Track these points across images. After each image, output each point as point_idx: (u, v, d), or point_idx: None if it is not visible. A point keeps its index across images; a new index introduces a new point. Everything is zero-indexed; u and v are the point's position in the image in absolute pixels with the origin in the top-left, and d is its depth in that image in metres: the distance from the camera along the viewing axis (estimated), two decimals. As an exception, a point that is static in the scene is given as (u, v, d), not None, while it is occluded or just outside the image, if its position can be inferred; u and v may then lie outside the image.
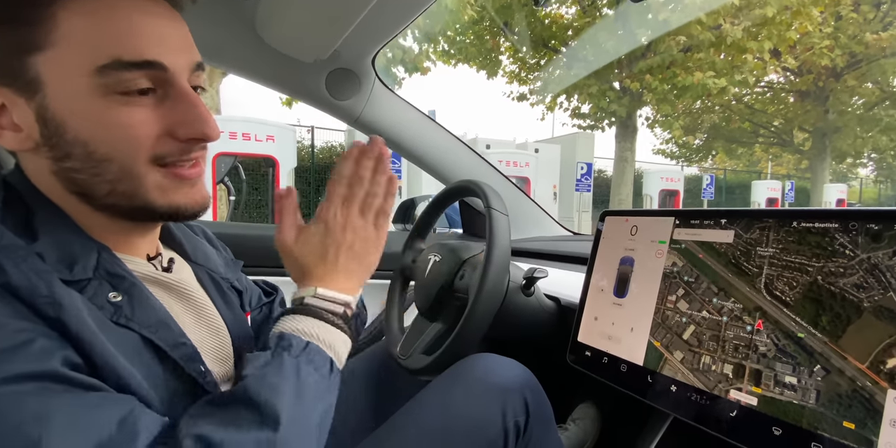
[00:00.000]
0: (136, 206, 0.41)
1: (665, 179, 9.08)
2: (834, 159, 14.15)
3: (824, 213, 0.46)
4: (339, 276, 0.48)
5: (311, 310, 0.45)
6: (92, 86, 0.36)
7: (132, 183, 0.40)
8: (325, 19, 0.77)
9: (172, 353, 0.41)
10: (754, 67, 7.01)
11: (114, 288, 0.39)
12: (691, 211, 0.60)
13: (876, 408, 0.38)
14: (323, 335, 0.44)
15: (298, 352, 0.41)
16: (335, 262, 0.48)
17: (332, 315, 0.46)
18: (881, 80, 11.70)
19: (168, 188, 0.41)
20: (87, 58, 0.36)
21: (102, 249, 0.41)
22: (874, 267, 0.41)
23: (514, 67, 8.76)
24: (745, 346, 0.48)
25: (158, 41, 0.38)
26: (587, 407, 1.00)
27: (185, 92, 0.40)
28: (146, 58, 0.37)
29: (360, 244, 0.49)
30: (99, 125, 0.37)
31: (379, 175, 0.51)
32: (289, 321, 0.44)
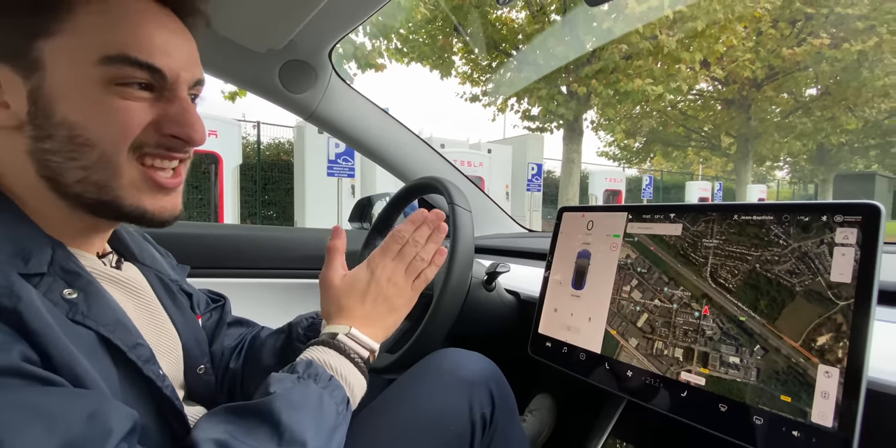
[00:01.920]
0: (103, 199, 0.40)
1: (609, 180, 9.55)
2: (755, 162, 15.49)
3: (761, 206, 0.51)
4: (372, 322, 0.52)
5: (341, 347, 0.48)
6: (94, 74, 0.37)
7: (108, 173, 0.39)
8: (281, 6, 0.74)
9: (130, 353, 0.39)
10: (687, 76, 7.52)
11: (68, 285, 0.38)
12: (643, 206, 0.64)
13: (808, 382, 0.42)
14: (346, 373, 0.46)
15: (325, 383, 0.43)
16: (373, 308, 0.53)
17: (358, 357, 0.48)
18: (795, 91, 12.94)
19: (141, 189, 0.41)
20: (96, 48, 0.37)
21: (57, 245, 0.39)
22: (804, 255, 0.46)
23: (466, 68, 8.86)
24: (693, 330, 0.52)
25: (164, 51, 0.40)
26: (543, 398, 1.03)
27: (181, 97, 0.42)
28: (152, 61, 0.39)
29: (396, 299, 0.54)
30: (91, 110, 0.38)
31: (431, 244, 0.56)
32: (318, 351, 0.47)
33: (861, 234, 0.43)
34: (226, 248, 1.14)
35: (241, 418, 0.38)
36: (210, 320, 0.64)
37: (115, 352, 0.39)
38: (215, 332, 0.64)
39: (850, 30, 10.31)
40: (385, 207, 0.93)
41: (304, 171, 6.49)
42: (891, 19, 10.04)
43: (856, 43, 10.02)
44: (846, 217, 0.44)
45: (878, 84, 10.70)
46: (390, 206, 0.92)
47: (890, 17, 10.03)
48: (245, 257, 1.16)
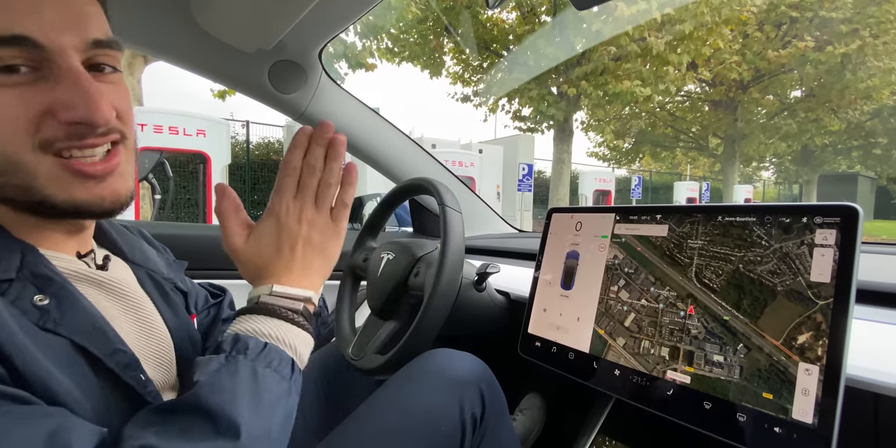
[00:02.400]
0: (34, 200, 0.37)
1: (599, 180, 9.63)
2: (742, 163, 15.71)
3: (744, 208, 0.52)
4: (297, 271, 0.45)
5: (268, 308, 0.42)
6: None
7: (22, 175, 0.35)
8: (271, 6, 0.74)
9: (108, 360, 0.38)
10: (675, 78, 7.60)
11: (39, 290, 0.36)
12: (630, 207, 0.65)
13: (790, 379, 0.43)
14: (282, 335, 0.41)
15: (255, 354, 0.39)
16: (291, 257, 0.45)
17: (292, 313, 0.43)
18: (780, 93, 13.16)
19: (66, 182, 0.37)
20: None
21: (26, 249, 0.37)
22: (785, 255, 0.47)
23: (457, 68, 8.87)
24: (679, 329, 0.53)
25: (35, 15, 0.34)
26: (533, 397, 1.04)
27: (68, 69, 0.35)
28: (14, 32, 0.33)
29: (318, 237, 0.47)
30: None
31: (332, 162, 0.47)
32: (244, 322, 0.42)
33: (840, 235, 0.44)
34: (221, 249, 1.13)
35: (169, 417, 0.34)
36: (207, 317, 0.62)
37: (92, 359, 0.37)
38: (210, 329, 0.61)
39: (833, 33, 10.51)
40: (376, 208, 0.93)
41: (294, 170, 6.44)
42: (873, 23, 10.25)
43: (839, 46, 10.21)
44: (825, 218, 0.45)
45: (860, 86, 10.92)
46: (381, 207, 0.92)
47: (873, 21, 10.24)
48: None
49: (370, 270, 0.85)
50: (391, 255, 0.81)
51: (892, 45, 10.51)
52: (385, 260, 0.81)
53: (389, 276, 0.79)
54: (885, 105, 13.38)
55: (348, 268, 0.94)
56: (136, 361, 0.41)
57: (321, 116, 1.06)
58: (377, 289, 0.80)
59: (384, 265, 0.81)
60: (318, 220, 0.47)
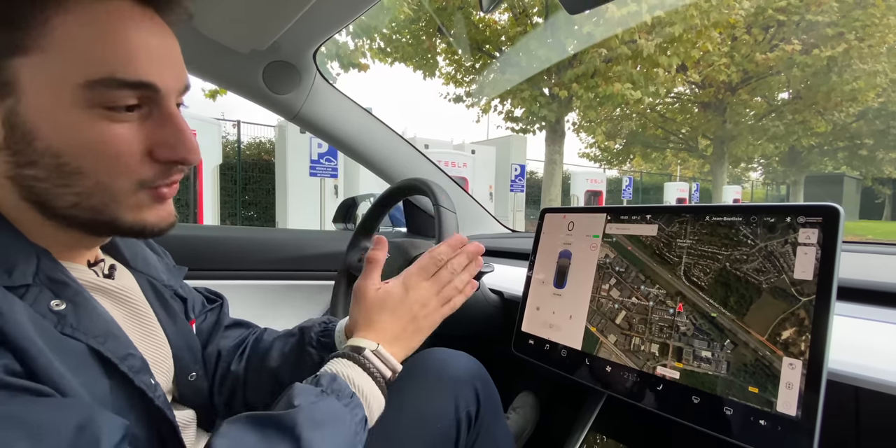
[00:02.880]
0: (100, 220, 0.39)
1: (590, 181, 9.70)
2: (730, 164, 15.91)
3: (730, 208, 0.53)
4: (398, 341, 0.51)
5: (366, 364, 0.47)
6: (77, 98, 0.35)
7: (106, 198, 0.38)
8: (266, 8, 0.74)
9: (121, 364, 0.39)
10: (665, 80, 7.68)
11: (56, 295, 0.37)
12: (621, 208, 0.66)
13: (774, 373, 0.45)
14: (368, 392, 0.45)
15: (347, 400, 0.42)
16: (402, 327, 0.52)
17: (381, 376, 0.47)
18: (768, 95, 13.36)
19: (144, 206, 0.40)
20: (79, 69, 0.34)
21: (42, 254, 0.38)
22: (770, 254, 0.48)
23: (450, 69, 8.88)
24: (668, 326, 0.54)
25: (154, 61, 0.37)
26: (526, 395, 1.05)
27: (172, 113, 0.39)
28: (141, 78, 0.36)
29: (423, 321, 0.53)
30: (77, 139, 0.35)
31: (465, 274, 0.56)
32: (342, 365, 0.46)
33: (822, 234, 0.45)
34: (220, 249, 1.14)
35: (262, 429, 0.37)
36: (205, 322, 0.63)
37: (106, 363, 0.38)
38: (211, 335, 0.62)
39: (820, 36, 10.70)
40: (371, 208, 0.94)
41: (285, 171, 6.42)
42: (858, 26, 10.44)
43: (826, 49, 10.39)
44: (808, 218, 0.46)
45: (846, 88, 11.11)
46: (376, 208, 0.92)
47: (858, 24, 10.44)
48: (240, 259, 1.16)
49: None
50: (386, 255, 0.81)
51: (876, 48, 10.72)
52: (380, 260, 0.82)
53: (384, 275, 0.79)
54: (870, 107, 13.65)
55: (343, 268, 0.95)
56: (147, 366, 0.42)
57: (315, 117, 1.07)
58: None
59: (379, 265, 0.81)
60: (432, 308, 0.54)
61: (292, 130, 6.21)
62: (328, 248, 1.25)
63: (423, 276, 0.54)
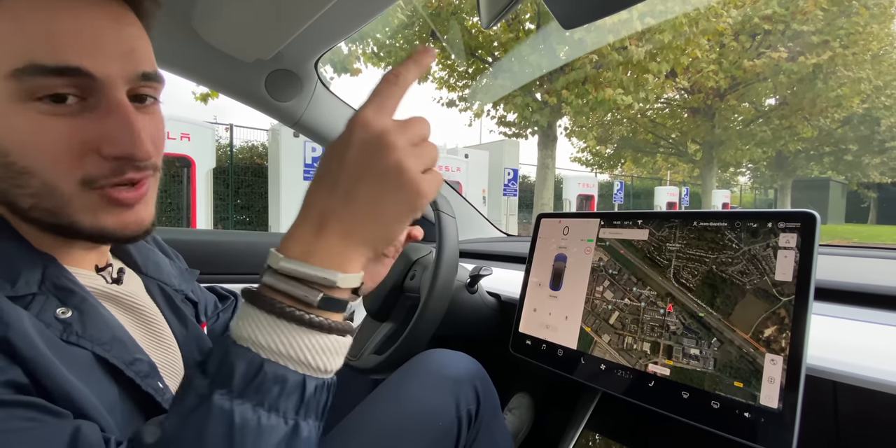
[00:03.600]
0: (61, 223, 0.37)
1: (582, 185, 9.78)
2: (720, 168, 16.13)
3: (716, 214, 0.56)
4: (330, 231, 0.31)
5: (268, 299, 0.30)
6: (8, 91, 0.33)
7: (56, 200, 0.36)
8: (272, 20, 0.77)
9: (128, 370, 0.38)
10: (655, 86, 7.81)
11: (62, 303, 0.37)
12: (613, 213, 0.69)
13: (757, 368, 0.48)
14: (285, 345, 0.29)
15: (244, 385, 0.28)
16: (333, 203, 0.31)
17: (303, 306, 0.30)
18: (755, 101, 13.59)
19: (97, 210, 0.37)
20: (4, 60, 0.33)
21: (48, 261, 0.38)
22: (753, 257, 0.51)
23: (443, 74, 8.94)
24: (659, 326, 0.57)
25: (89, 46, 0.34)
26: (521, 396, 1.08)
27: (117, 105, 0.36)
28: (67, 63, 0.33)
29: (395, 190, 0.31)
30: (15, 135, 0.34)
31: None
32: (241, 319, 0.31)
33: (800, 238, 0.49)
34: (222, 254, 1.15)
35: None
36: (218, 322, 0.62)
37: (113, 369, 0.37)
38: (223, 335, 0.62)
39: (805, 44, 10.93)
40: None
41: (279, 174, 6.41)
42: (843, 34, 10.69)
43: (811, 56, 10.62)
44: (787, 224, 0.50)
45: (831, 95, 11.35)
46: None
47: (842, 32, 10.68)
48: (242, 263, 1.17)
49: (366, 273, 0.87)
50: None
51: (860, 56, 10.98)
52: (381, 263, 0.84)
53: (385, 279, 0.82)
54: (855, 113, 13.94)
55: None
56: (155, 369, 0.42)
57: (316, 123, 1.09)
58: (373, 291, 0.83)
59: (380, 268, 0.84)
60: (416, 156, 0.32)
61: (286, 134, 6.21)
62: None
63: (381, 104, 0.32)
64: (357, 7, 0.72)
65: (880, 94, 13.68)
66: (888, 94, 13.99)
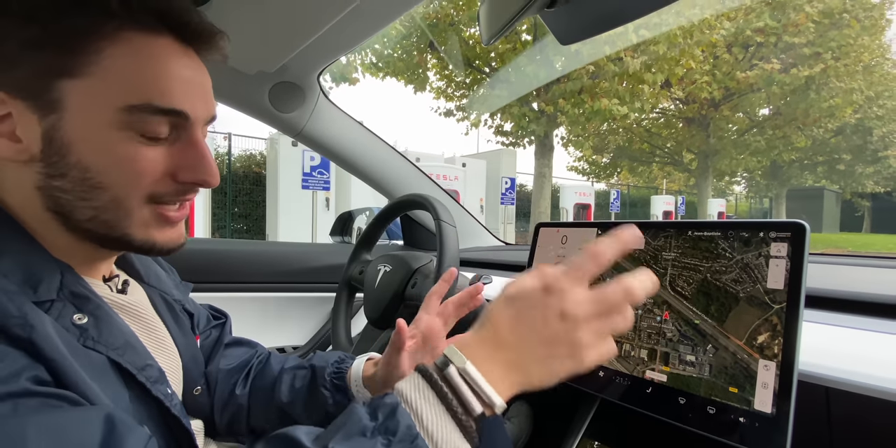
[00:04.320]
0: (113, 235, 0.41)
1: (579, 194, 9.84)
2: (715, 177, 16.26)
3: (710, 224, 0.58)
4: (507, 361, 0.35)
5: (445, 392, 0.34)
6: (115, 120, 0.38)
7: (119, 214, 0.40)
8: (278, 35, 0.79)
9: (139, 375, 0.40)
10: (650, 96, 7.91)
11: (78, 309, 0.39)
12: (610, 223, 0.71)
13: (751, 374, 0.49)
14: (441, 438, 0.32)
15: (398, 443, 0.31)
16: (525, 342, 0.35)
17: (466, 415, 0.33)
18: (749, 111, 13.76)
19: (151, 225, 0.42)
20: (121, 94, 0.38)
21: (66, 270, 0.40)
22: (746, 265, 0.53)
23: (441, 84, 9.03)
24: (656, 333, 0.59)
25: (187, 91, 0.41)
26: (519, 405, 1.08)
27: (197, 140, 0.42)
28: (175, 106, 0.39)
29: (562, 348, 0.36)
30: (107, 156, 0.38)
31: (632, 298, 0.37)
32: (416, 391, 0.34)
33: (790, 247, 0.50)
34: (220, 262, 1.16)
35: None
36: (208, 339, 0.64)
37: (125, 374, 0.39)
38: (213, 352, 0.63)
39: (798, 55, 11.11)
40: (372, 222, 0.98)
41: (277, 183, 6.43)
42: (835, 46, 10.88)
43: (804, 68, 10.79)
44: (778, 233, 0.51)
45: (824, 105, 11.52)
46: (377, 221, 0.96)
47: (834, 44, 10.87)
48: (240, 272, 1.18)
49: (367, 282, 0.89)
50: (388, 268, 0.85)
51: (852, 67, 11.17)
52: (382, 272, 0.86)
53: (387, 287, 0.83)
54: (848, 123, 14.13)
55: (344, 280, 0.98)
56: (163, 375, 0.43)
57: (318, 134, 1.11)
58: (375, 300, 0.84)
59: (381, 277, 0.85)
60: (590, 341, 0.36)
61: (284, 143, 6.24)
62: (328, 260, 1.28)
63: (576, 276, 0.36)
64: (360, 23, 0.75)
65: (872, 105, 13.89)
66: (880, 104, 14.20)
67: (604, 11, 0.54)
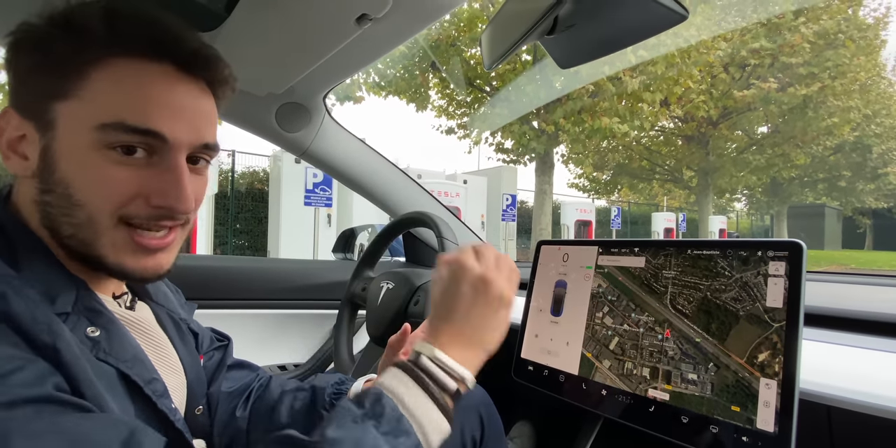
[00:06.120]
0: (89, 255, 0.42)
1: (580, 211, 9.86)
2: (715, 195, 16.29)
3: (709, 243, 0.59)
4: (461, 338, 0.44)
5: (420, 378, 0.40)
6: (92, 139, 0.39)
7: (92, 233, 0.41)
8: (286, 58, 0.82)
9: (146, 388, 0.41)
10: (649, 114, 8.02)
11: (91, 323, 0.40)
12: (610, 241, 0.72)
13: (753, 393, 0.49)
14: (421, 415, 0.38)
15: (389, 427, 0.36)
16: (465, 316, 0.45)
17: (442, 392, 0.40)
18: (748, 129, 13.89)
19: (124, 250, 0.42)
20: (97, 114, 0.39)
21: (80, 285, 0.42)
22: (745, 284, 0.54)
23: (442, 102, 9.18)
24: (658, 351, 0.59)
25: (170, 115, 0.41)
26: (522, 425, 1.07)
27: (175, 165, 0.42)
28: (148, 126, 0.40)
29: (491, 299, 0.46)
30: (84, 173, 0.40)
31: None
32: (393, 378, 0.40)
33: (788, 266, 0.51)
34: (223, 279, 1.17)
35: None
36: (211, 361, 0.64)
37: (132, 386, 0.41)
38: (215, 374, 0.63)
39: (794, 75, 11.28)
40: (375, 239, 0.99)
41: (279, 199, 6.47)
42: (831, 66, 11.05)
43: (801, 87, 10.93)
44: (776, 252, 0.52)
45: (822, 124, 11.62)
46: (380, 238, 0.97)
47: (830, 64, 11.04)
48: (243, 288, 1.19)
49: (370, 299, 0.89)
50: (391, 285, 0.86)
51: (849, 86, 11.31)
52: (385, 289, 0.86)
53: (390, 304, 0.83)
54: (846, 141, 14.22)
55: (346, 297, 0.99)
56: (168, 391, 0.44)
57: (323, 153, 1.13)
58: (377, 317, 0.85)
59: (384, 294, 0.86)
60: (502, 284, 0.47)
61: (287, 160, 6.31)
62: (330, 277, 1.28)
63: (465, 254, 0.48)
64: (366, 47, 0.77)
65: (870, 123, 14.01)
66: (878, 122, 14.33)
67: (602, 37, 0.56)
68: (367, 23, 0.66)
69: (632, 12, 0.49)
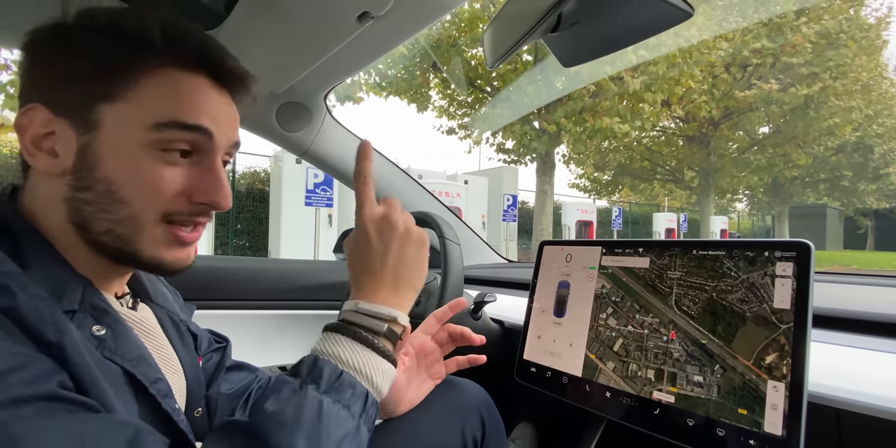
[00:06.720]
0: (125, 250, 0.43)
1: (581, 211, 9.85)
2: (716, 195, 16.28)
3: (715, 243, 0.58)
4: (385, 286, 0.46)
5: (350, 329, 0.43)
6: (142, 139, 0.41)
7: (133, 229, 0.42)
8: (288, 58, 0.81)
9: (151, 387, 0.41)
10: (650, 115, 8.00)
11: (97, 321, 0.40)
12: (614, 242, 0.71)
13: (760, 395, 0.48)
14: (359, 363, 0.41)
15: (328, 385, 0.38)
16: (381, 269, 0.46)
17: (373, 335, 0.43)
18: (749, 129, 13.87)
19: (161, 244, 0.44)
20: (149, 115, 0.41)
21: (86, 283, 0.42)
22: (752, 285, 0.53)
23: (443, 103, 9.17)
24: (662, 353, 0.58)
25: (212, 116, 0.44)
26: (524, 426, 1.06)
27: (216, 166, 0.45)
28: (199, 123, 0.43)
29: (412, 249, 0.48)
30: (131, 172, 0.41)
31: None
32: (326, 341, 0.42)
33: (796, 267, 0.50)
34: (223, 279, 1.16)
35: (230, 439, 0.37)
36: (210, 362, 0.63)
37: (137, 386, 0.40)
38: (214, 376, 0.63)
39: (796, 75, 11.26)
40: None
41: (280, 200, 6.47)
42: (832, 66, 11.03)
43: (802, 87, 10.92)
44: (784, 253, 0.52)
45: (823, 124, 11.60)
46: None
47: (832, 64, 11.03)
48: (243, 289, 1.18)
49: (371, 300, 0.88)
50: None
51: (850, 86, 11.29)
52: (386, 289, 0.85)
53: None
54: (848, 141, 14.20)
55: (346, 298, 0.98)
56: (171, 391, 0.44)
57: (324, 153, 1.13)
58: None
59: (385, 295, 0.85)
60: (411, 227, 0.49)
61: (288, 160, 6.30)
62: (330, 278, 1.28)
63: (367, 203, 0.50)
64: (367, 47, 0.77)
65: (872, 123, 13.99)
66: (880, 122, 14.31)
67: (606, 35, 0.56)
68: (368, 21, 0.66)
69: (636, 9, 0.48)
